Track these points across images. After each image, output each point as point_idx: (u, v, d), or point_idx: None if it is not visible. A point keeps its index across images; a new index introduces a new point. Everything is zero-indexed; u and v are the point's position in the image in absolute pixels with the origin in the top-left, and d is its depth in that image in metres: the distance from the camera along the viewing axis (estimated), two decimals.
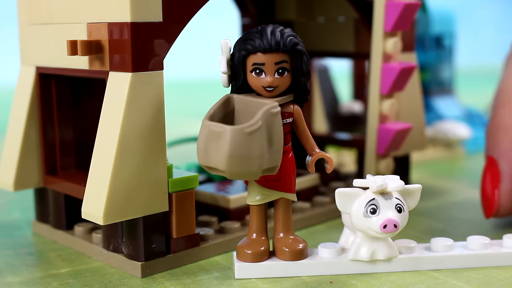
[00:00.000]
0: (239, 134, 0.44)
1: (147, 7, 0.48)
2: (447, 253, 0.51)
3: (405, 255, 0.51)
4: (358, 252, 0.50)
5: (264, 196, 0.50)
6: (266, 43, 0.47)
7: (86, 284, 0.50)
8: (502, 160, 0.58)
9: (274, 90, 0.48)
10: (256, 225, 0.51)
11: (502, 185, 0.58)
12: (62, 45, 0.53)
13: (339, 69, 1.20)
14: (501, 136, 0.59)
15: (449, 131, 0.92)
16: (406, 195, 0.50)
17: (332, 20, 0.74)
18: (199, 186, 0.61)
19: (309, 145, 0.51)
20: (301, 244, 0.51)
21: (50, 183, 0.59)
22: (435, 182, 0.79)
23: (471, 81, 1.81)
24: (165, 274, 0.51)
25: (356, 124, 0.95)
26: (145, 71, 0.49)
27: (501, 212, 0.58)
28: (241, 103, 0.49)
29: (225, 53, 0.49)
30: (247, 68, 0.48)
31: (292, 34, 0.48)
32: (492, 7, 2.87)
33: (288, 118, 0.50)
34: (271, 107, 0.46)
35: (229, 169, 0.45)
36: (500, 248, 0.52)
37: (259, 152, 0.45)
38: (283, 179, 0.50)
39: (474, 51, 2.52)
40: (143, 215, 0.50)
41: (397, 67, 0.62)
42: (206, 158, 0.46)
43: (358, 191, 0.49)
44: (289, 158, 0.50)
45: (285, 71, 0.48)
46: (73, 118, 0.60)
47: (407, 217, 0.49)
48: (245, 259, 0.50)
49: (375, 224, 0.48)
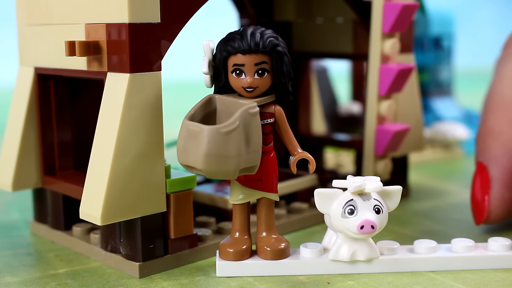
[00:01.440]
0: (216, 134, 0.45)
1: (145, 8, 0.48)
2: (430, 255, 0.51)
3: (386, 256, 0.51)
4: (338, 252, 0.50)
5: (246, 196, 0.51)
6: (245, 44, 0.48)
7: (84, 284, 0.50)
8: (492, 166, 0.58)
9: (254, 91, 0.49)
10: (238, 224, 0.51)
11: (492, 192, 0.57)
12: (61, 45, 0.53)
13: (338, 70, 1.20)
14: (491, 142, 0.59)
15: (447, 132, 0.92)
16: (386, 197, 0.50)
17: (331, 21, 0.74)
18: (197, 186, 0.61)
19: (292, 146, 0.51)
20: (283, 244, 0.51)
21: (48, 183, 0.59)
22: (433, 183, 0.79)
23: (470, 82, 1.81)
24: (163, 275, 0.51)
25: (354, 125, 0.95)
26: (143, 72, 0.49)
27: (491, 219, 0.58)
28: (223, 103, 0.49)
29: (207, 54, 0.49)
30: (228, 69, 0.49)
31: (273, 35, 0.49)
32: (491, 8, 2.87)
33: (269, 118, 0.50)
34: (249, 108, 0.47)
35: (206, 168, 0.46)
36: (484, 251, 0.52)
37: (236, 152, 0.46)
38: (265, 179, 0.50)
39: (474, 52, 2.52)
40: (141, 215, 0.50)
41: (395, 68, 0.62)
42: (185, 157, 0.47)
43: (336, 191, 0.49)
44: (270, 158, 0.50)
45: (265, 72, 0.49)
46: (71, 119, 0.60)
47: (386, 218, 0.49)
48: (227, 257, 0.51)
49: (353, 225, 0.48)
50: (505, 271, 0.51)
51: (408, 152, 0.71)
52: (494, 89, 0.63)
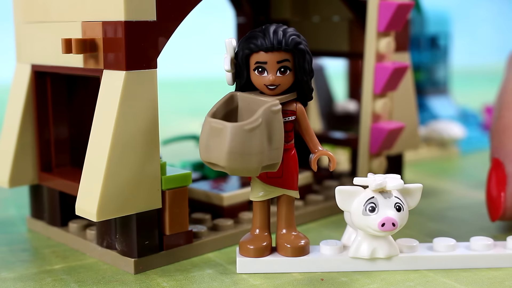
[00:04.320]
0: (239, 131, 0.45)
1: (141, 6, 0.49)
2: (449, 253, 0.51)
3: (406, 254, 0.51)
4: (358, 249, 0.50)
5: (266, 193, 0.51)
6: (268, 42, 0.48)
7: (80, 280, 0.50)
8: (509, 163, 0.57)
9: (276, 89, 0.49)
10: (259, 221, 0.52)
11: (508, 188, 0.56)
12: (57, 43, 0.53)
13: (334, 68, 1.20)
14: (508, 138, 0.58)
15: (443, 130, 0.93)
16: (406, 194, 0.50)
17: (327, 20, 0.75)
18: (193, 183, 0.61)
19: (312, 143, 0.51)
20: (303, 241, 0.51)
21: (45, 180, 0.59)
22: (429, 182, 0.79)
23: (466, 81, 1.82)
24: (158, 271, 0.52)
25: (350, 123, 0.95)
26: (139, 70, 0.49)
27: (507, 215, 0.57)
28: (244, 101, 0.49)
29: (229, 52, 0.49)
30: (250, 67, 0.49)
31: (295, 33, 0.49)
32: (489, 7, 2.88)
33: (291, 116, 0.50)
34: (272, 105, 0.47)
35: (229, 165, 0.46)
36: (504, 250, 0.52)
37: (258, 149, 0.46)
38: (285, 176, 0.51)
39: (472, 51, 2.52)
40: (136, 212, 0.50)
41: (390, 66, 0.63)
42: (208, 154, 0.47)
43: (358, 189, 0.49)
44: (291, 156, 0.51)
45: (287, 69, 0.49)
46: (68, 116, 0.60)
47: (407, 216, 0.49)
48: (247, 254, 0.51)
49: (374, 222, 0.48)
50: (498, 269, 0.51)
51: (403, 150, 0.72)
52: (508, 85, 0.62)
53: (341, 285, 0.49)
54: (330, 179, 0.72)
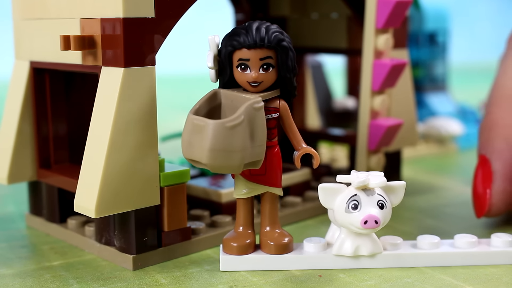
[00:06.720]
0: (221, 128, 0.45)
1: (140, 3, 0.49)
2: (433, 250, 0.51)
3: (389, 251, 0.51)
4: (341, 247, 0.50)
5: (250, 190, 0.51)
6: (251, 39, 0.48)
7: (78, 276, 0.50)
8: (495, 160, 0.58)
9: (259, 86, 0.49)
10: (242, 218, 0.52)
11: (494, 185, 0.57)
12: (56, 40, 0.53)
13: (333, 65, 1.20)
14: (495, 135, 0.59)
15: (441, 127, 0.93)
16: (390, 192, 0.50)
17: (325, 17, 0.75)
18: (191, 180, 0.61)
19: (296, 140, 0.51)
20: (287, 238, 0.51)
21: (43, 176, 0.59)
22: (427, 178, 0.80)
23: (464, 78, 1.82)
24: (157, 267, 0.52)
25: (349, 120, 0.95)
26: (137, 66, 0.49)
27: (493, 212, 0.58)
28: (227, 98, 0.49)
29: (212, 49, 0.49)
30: (233, 64, 0.49)
31: (278, 30, 0.49)
32: (488, 4, 2.88)
33: (274, 113, 0.50)
34: (254, 102, 0.47)
35: (211, 163, 0.46)
36: (487, 247, 0.52)
37: (240, 146, 0.46)
38: (269, 173, 0.50)
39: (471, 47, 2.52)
40: (134, 208, 0.50)
41: (388, 63, 0.63)
42: (190, 151, 0.47)
43: (340, 186, 0.49)
44: (275, 153, 0.51)
45: (270, 66, 0.49)
46: (66, 112, 0.60)
47: (390, 214, 0.49)
48: (230, 251, 0.51)
49: (356, 220, 0.48)
50: (495, 266, 0.51)
51: (401, 147, 0.72)
52: (498, 82, 0.62)
53: (339, 281, 0.49)
54: (329, 176, 0.72)
